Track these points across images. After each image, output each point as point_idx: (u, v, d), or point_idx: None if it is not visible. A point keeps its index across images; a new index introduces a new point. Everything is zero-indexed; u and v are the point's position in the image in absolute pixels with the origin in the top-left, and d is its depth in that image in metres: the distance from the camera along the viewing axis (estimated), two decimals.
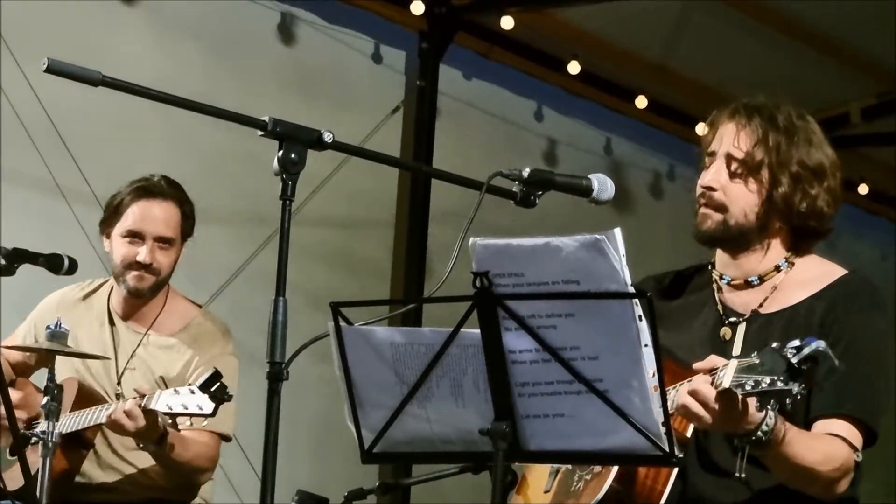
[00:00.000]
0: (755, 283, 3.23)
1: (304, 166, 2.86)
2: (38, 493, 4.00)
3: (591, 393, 2.45)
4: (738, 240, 3.23)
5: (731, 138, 3.22)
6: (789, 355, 2.63)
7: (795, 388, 2.63)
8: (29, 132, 6.09)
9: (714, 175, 3.23)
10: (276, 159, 2.85)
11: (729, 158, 3.21)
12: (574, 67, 8.16)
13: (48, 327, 4.22)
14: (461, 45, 7.92)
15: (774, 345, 2.66)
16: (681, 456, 2.49)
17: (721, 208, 3.22)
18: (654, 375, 2.42)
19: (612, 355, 2.44)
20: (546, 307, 2.46)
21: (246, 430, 6.35)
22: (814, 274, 3.23)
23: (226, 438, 4.59)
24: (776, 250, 3.24)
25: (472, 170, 3.33)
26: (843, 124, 9.03)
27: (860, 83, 8.69)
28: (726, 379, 2.73)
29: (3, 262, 4.15)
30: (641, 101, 8.38)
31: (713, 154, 3.25)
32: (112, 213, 4.57)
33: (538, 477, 3.33)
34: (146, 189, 4.57)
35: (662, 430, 2.43)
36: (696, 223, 3.26)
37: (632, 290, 2.43)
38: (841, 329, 3.08)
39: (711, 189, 3.23)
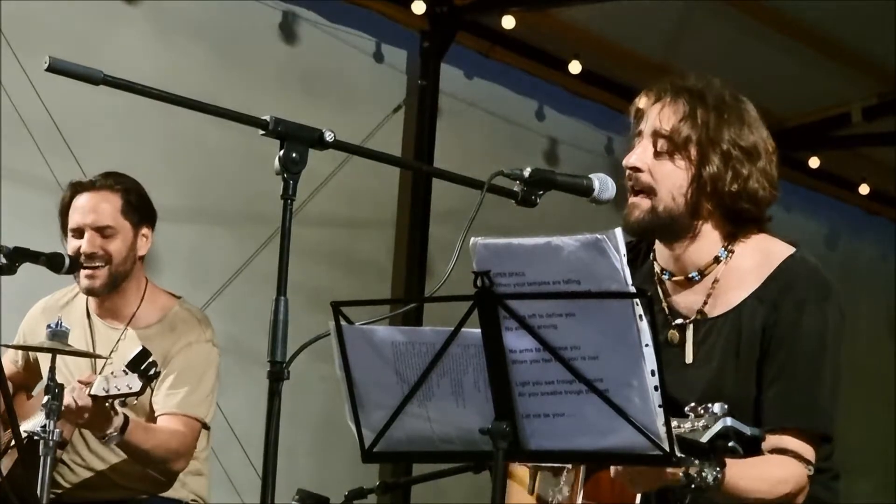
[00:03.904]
0: (696, 278, 3.11)
1: (306, 165, 2.86)
2: (39, 493, 4.01)
3: (592, 392, 2.45)
4: (669, 227, 3.08)
5: (656, 115, 3.09)
6: (700, 432, 2.52)
7: (710, 475, 2.57)
8: (30, 131, 6.10)
9: (639, 154, 3.08)
10: (277, 158, 2.85)
11: (655, 136, 3.07)
12: (575, 67, 8.17)
13: (49, 326, 4.22)
14: (462, 45, 7.92)
15: (685, 427, 2.55)
16: (681, 456, 2.48)
17: (649, 191, 3.07)
18: (653, 375, 2.42)
19: (612, 355, 2.43)
20: (547, 307, 2.46)
21: (247, 429, 6.39)
22: (754, 262, 3.09)
23: (204, 425, 4.57)
24: (712, 238, 3.09)
25: (473, 169, 3.33)
26: (845, 124, 9.04)
27: (861, 83, 8.69)
28: None
29: (4, 260, 4.15)
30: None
31: (640, 134, 3.11)
32: (62, 217, 4.63)
33: (521, 479, 3.32)
34: (78, 184, 4.63)
35: (663, 429, 2.43)
36: (625, 214, 3.10)
37: (632, 289, 2.43)
38: (780, 334, 3.00)
39: (637, 170, 3.08)
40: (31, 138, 6.10)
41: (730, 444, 2.53)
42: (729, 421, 2.52)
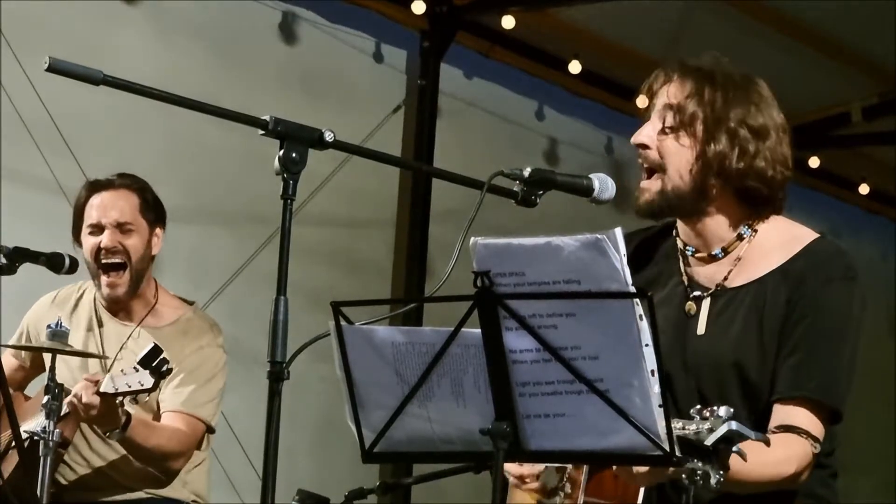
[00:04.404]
0: (720, 255, 3.11)
1: (306, 165, 2.86)
2: (38, 492, 4.01)
3: (592, 393, 2.44)
4: (679, 206, 3.09)
5: (664, 92, 3.12)
6: (704, 434, 2.50)
7: (714, 477, 2.54)
8: (30, 131, 6.10)
9: (647, 131, 3.11)
10: (277, 158, 2.85)
11: (663, 113, 3.09)
12: (575, 67, 8.17)
13: (49, 326, 4.23)
14: (462, 45, 7.92)
15: (690, 428, 2.53)
16: (682, 456, 2.48)
17: (659, 168, 3.08)
18: (654, 375, 2.42)
19: (612, 355, 2.43)
20: (547, 307, 2.45)
21: (247, 429, 6.39)
22: (779, 240, 3.10)
23: (209, 428, 4.58)
24: (731, 217, 3.10)
25: (473, 169, 3.33)
26: (844, 124, 9.05)
27: (861, 83, 8.70)
28: None
29: (4, 261, 4.15)
30: (642, 101, 8.37)
31: (649, 111, 3.15)
32: (77, 217, 4.66)
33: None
34: (96, 183, 4.67)
35: (663, 429, 2.42)
36: (635, 197, 3.12)
37: (632, 289, 2.43)
38: (805, 306, 2.99)
39: (644, 147, 3.10)
40: (31, 138, 6.10)
41: (734, 448, 2.52)
42: (734, 425, 2.50)
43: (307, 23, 7.31)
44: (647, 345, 2.41)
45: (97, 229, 4.57)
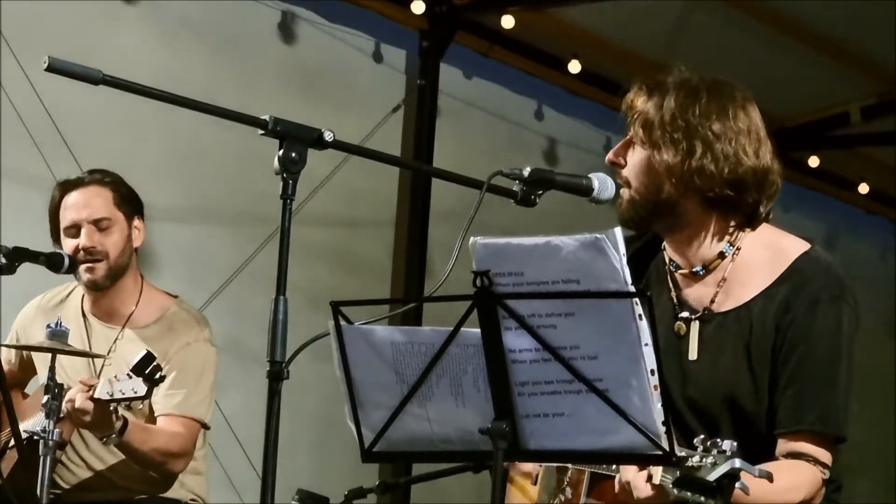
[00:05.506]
0: (700, 272, 3.10)
1: (305, 165, 2.87)
2: (39, 492, 4.01)
3: (591, 392, 2.45)
4: (651, 215, 3.09)
5: (629, 108, 3.16)
6: (707, 469, 2.49)
7: None
8: (30, 130, 6.10)
9: (616, 148, 3.17)
10: (276, 158, 2.85)
11: (629, 127, 3.13)
12: (574, 67, 8.17)
13: (48, 326, 4.23)
14: (462, 45, 7.92)
15: (693, 461, 2.51)
16: (680, 455, 2.48)
17: (625, 181, 3.13)
18: (653, 374, 2.42)
19: (611, 354, 2.44)
20: (546, 306, 2.46)
21: (246, 429, 6.39)
22: (765, 257, 3.08)
23: (203, 426, 4.57)
24: (709, 230, 3.08)
25: (472, 169, 3.33)
26: (843, 124, 9.05)
27: (860, 83, 8.69)
28: (656, 475, 2.71)
29: (4, 261, 4.15)
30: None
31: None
32: (53, 220, 4.63)
33: (520, 483, 3.31)
34: (66, 183, 4.66)
35: (662, 429, 2.43)
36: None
37: (632, 289, 2.43)
38: (795, 334, 2.99)
39: (615, 165, 3.15)
40: (30, 138, 6.10)
41: (737, 484, 2.51)
42: (738, 463, 2.49)
43: (307, 22, 7.31)
44: (646, 344, 2.42)
45: (74, 229, 4.56)
